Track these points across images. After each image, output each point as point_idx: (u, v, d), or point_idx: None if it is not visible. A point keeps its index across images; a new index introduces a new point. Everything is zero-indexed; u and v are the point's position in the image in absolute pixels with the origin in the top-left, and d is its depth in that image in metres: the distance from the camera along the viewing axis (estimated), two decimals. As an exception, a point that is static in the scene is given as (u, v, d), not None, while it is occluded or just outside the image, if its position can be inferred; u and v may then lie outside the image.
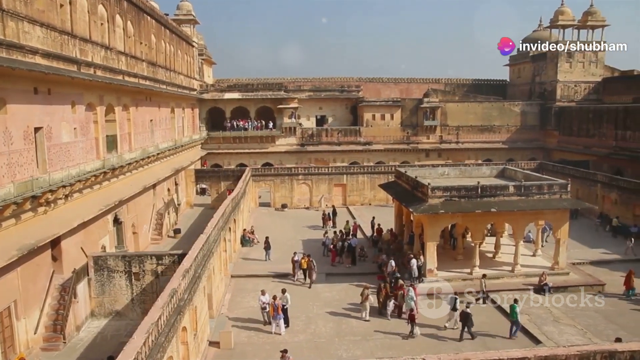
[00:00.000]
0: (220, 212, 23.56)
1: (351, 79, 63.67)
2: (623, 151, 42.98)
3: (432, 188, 23.15)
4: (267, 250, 27.82)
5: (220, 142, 51.43)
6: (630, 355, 11.11)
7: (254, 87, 53.43)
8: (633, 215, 33.24)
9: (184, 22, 48.27)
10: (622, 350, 11.16)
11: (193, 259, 16.10)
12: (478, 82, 67.02)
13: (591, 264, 26.79)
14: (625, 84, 51.46)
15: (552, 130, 54.01)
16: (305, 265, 24.16)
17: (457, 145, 54.36)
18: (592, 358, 10.99)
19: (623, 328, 18.81)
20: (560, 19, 53.91)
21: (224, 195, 37.34)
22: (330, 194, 43.42)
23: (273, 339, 18.38)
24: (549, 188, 24.23)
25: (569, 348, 11.39)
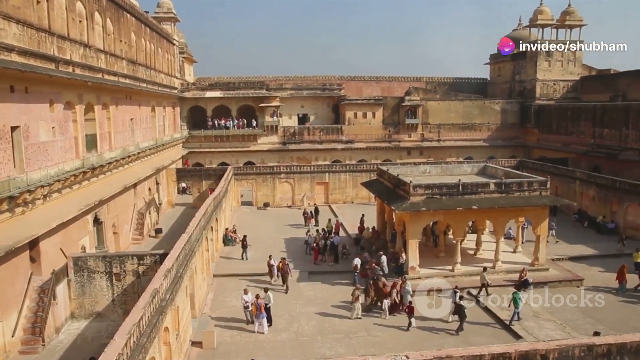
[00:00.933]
0: (202, 211, 23.43)
1: (333, 77, 63.68)
2: (600, 149, 43.70)
3: (413, 186, 23.30)
4: (245, 249, 27.72)
5: (202, 141, 51.11)
6: (607, 349, 11.32)
7: (236, 86, 53.18)
8: (610, 211, 33.84)
9: (165, 20, 47.83)
10: (599, 344, 11.37)
11: (175, 259, 15.98)
12: (459, 81, 67.50)
13: (570, 260, 27.21)
14: (602, 83, 52.32)
15: (531, 128, 54.68)
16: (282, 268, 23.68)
17: (438, 143, 54.73)
18: (570, 352, 11.16)
19: (600, 322, 19.15)
20: (539, 19, 54.60)
21: (205, 194, 37.13)
22: (313, 192, 43.44)
23: (256, 338, 18.35)
24: (529, 185, 24.56)
25: (548, 343, 11.54)
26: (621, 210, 33.00)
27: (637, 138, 39.51)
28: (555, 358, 11.06)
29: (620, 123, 41.75)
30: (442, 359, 10.46)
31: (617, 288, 22.86)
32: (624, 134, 41.19)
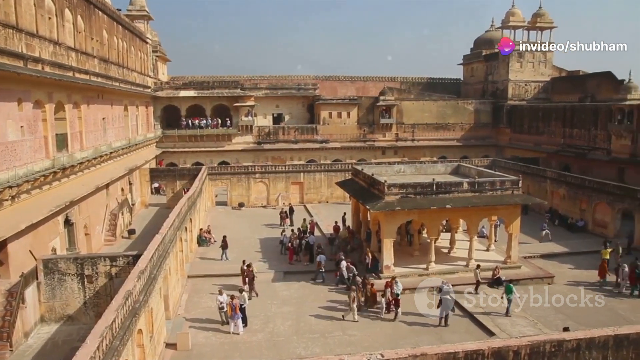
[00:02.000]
0: (176, 212, 23.19)
1: (308, 77, 63.67)
2: (570, 148, 44.63)
3: (388, 185, 23.45)
4: (224, 250, 27.56)
5: (176, 141, 50.54)
6: (576, 344, 11.60)
7: (210, 85, 52.71)
8: (579, 209, 34.58)
9: (137, 18, 47.20)
10: (569, 339, 11.64)
11: (148, 260, 15.79)
12: (433, 81, 68.15)
13: (541, 258, 27.74)
14: (572, 84, 53.43)
15: (504, 128, 55.53)
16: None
17: (412, 143, 55.17)
18: (541, 347, 11.40)
19: (571, 318, 19.53)
20: (511, 20, 55.50)
21: (179, 194, 36.75)
22: (288, 192, 43.38)
23: (231, 339, 18.25)
24: (502, 184, 24.95)
25: (520, 339, 11.75)
26: (590, 208, 33.77)
27: (605, 138, 40.47)
28: (527, 354, 11.27)
29: (589, 123, 42.71)
30: (417, 357, 10.56)
31: (599, 283, 23.66)
32: (592, 134, 42.14)
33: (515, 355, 11.20)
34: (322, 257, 24.89)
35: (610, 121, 39.43)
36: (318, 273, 24.52)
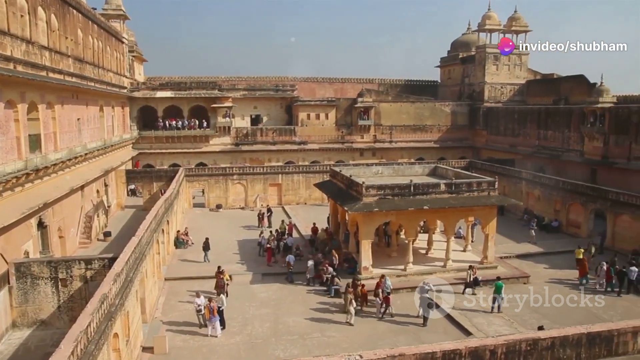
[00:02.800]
0: (153, 214, 22.92)
1: (286, 78, 63.57)
2: (545, 150, 45.37)
3: (366, 187, 23.54)
4: (206, 251, 27.34)
5: (153, 142, 49.95)
6: (551, 342, 11.82)
7: (187, 86, 52.24)
8: (554, 210, 35.18)
9: (113, 17, 46.54)
10: (544, 338, 11.87)
11: (125, 263, 15.57)
12: (410, 83, 68.64)
13: (517, 258, 28.15)
14: (547, 87, 54.32)
15: (480, 130, 56.19)
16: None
17: (390, 145, 55.46)
18: (517, 346, 11.58)
19: (546, 317, 19.85)
20: (487, 23, 56.22)
21: (156, 196, 36.37)
22: (266, 193, 43.26)
23: (209, 342, 18.12)
24: (478, 185, 25.24)
25: (496, 338, 11.92)
26: (564, 209, 34.38)
27: (578, 140, 41.23)
28: (503, 353, 11.43)
29: (563, 126, 43.47)
30: (395, 357, 10.62)
31: (579, 280, 24.33)
32: (566, 136, 42.90)
33: (492, 355, 11.34)
34: (291, 257, 25.12)
35: (583, 123, 40.19)
36: (288, 273, 24.62)
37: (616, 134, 37.27)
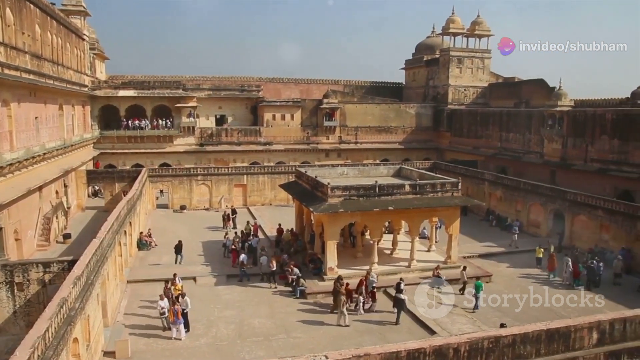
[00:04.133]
0: (115, 215, 22.44)
1: (251, 78, 63.20)
2: (506, 152, 46.37)
3: (331, 187, 23.59)
4: (178, 254, 26.91)
5: (115, 142, 48.91)
6: (512, 339, 12.07)
7: (151, 85, 51.32)
8: (515, 210, 36.00)
9: (74, 13, 45.35)
10: (505, 335, 12.10)
11: (85, 265, 15.17)
12: (376, 85, 69.10)
13: (480, 257, 28.70)
14: (508, 90, 55.52)
15: (444, 132, 57.02)
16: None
17: (356, 146, 55.75)
18: (480, 344, 11.77)
19: (507, 315, 20.29)
20: (451, 27, 57.10)
21: (119, 197, 35.65)
22: (231, 194, 42.91)
23: (173, 345, 17.85)
24: (442, 186, 25.61)
25: (460, 336, 12.08)
26: (525, 209, 35.22)
27: (538, 142, 42.28)
28: (466, 351, 11.60)
29: (524, 128, 44.51)
30: (361, 357, 10.64)
31: (548, 275, 25.50)
32: (527, 138, 43.94)
33: (455, 353, 11.49)
34: (244, 256, 25.12)
35: (542, 126, 41.23)
36: (241, 273, 24.59)
37: (574, 137, 38.39)
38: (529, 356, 12.21)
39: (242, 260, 24.90)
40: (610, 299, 21.40)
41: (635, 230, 26.83)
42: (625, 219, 27.47)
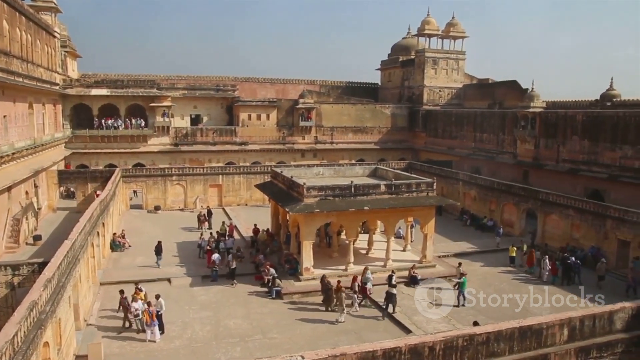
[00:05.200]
0: (88, 216, 22.05)
1: (227, 77, 62.79)
2: (480, 152, 46.98)
3: (307, 188, 23.59)
4: (158, 255, 26.54)
5: (87, 141, 48.09)
6: (486, 337, 12.25)
7: (124, 84, 50.60)
8: (489, 210, 36.48)
9: (44, 10, 44.39)
10: (479, 333, 12.26)
11: (56, 267, 14.85)
12: (351, 85, 69.31)
13: (454, 256, 28.97)
14: (482, 91, 56.32)
15: (419, 132, 57.51)
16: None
17: (331, 146, 55.85)
18: (455, 342, 11.91)
19: (481, 312, 20.55)
20: (426, 29, 57.63)
21: (91, 197, 35.06)
22: (206, 194, 42.59)
23: (147, 347, 17.62)
24: (417, 186, 25.81)
25: (435, 335, 12.20)
26: (498, 209, 35.71)
27: (511, 142, 42.94)
28: (442, 349, 11.72)
29: (497, 129, 45.17)
30: (337, 357, 10.66)
31: (528, 270, 26.28)
32: (500, 139, 44.59)
33: (431, 351, 11.60)
34: (217, 256, 24.99)
35: (515, 127, 41.87)
36: (212, 273, 24.50)
37: (546, 138, 39.08)
38: (503, 353, 12.40)
39: (213, 259, 24.75)
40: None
41: (604, 229, 27.43)
42: (595, 218, 28.07)
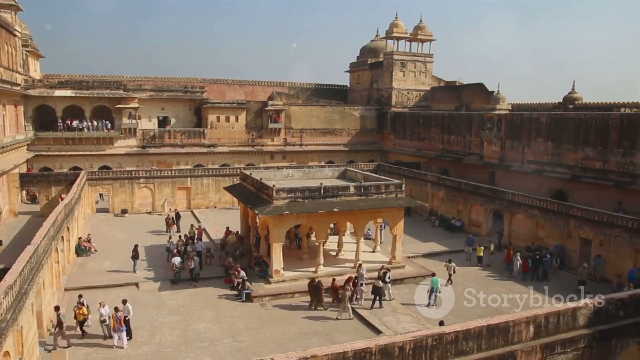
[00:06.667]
0: (51, 220, 21.50)
1: (195, 79, 62.17)
2: (448, 153, 47.61)
3: (276, 190, 23.53)
4: (135, 260, 26.02)
5: (51, 144, 46.88)
6: (455, 336, 12.42)
7: (90, 85, 49.53)
8: (457, 211, 37.03)
9: (4, 7, 43.08)
10: (448, 332, 12.43)
11: (18, 274, 14.43)
12: (321, 87, 69.48)
13: (423, 257, 29.32)
14: (450, 93, 57.08)
15: (388, 134, 57.94)
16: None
17: (301, 148, 55.80)
18: (424, 342, 12.04)
19: (450, 312, 20.76)
20: (394, 31, 58.13)
21: (55, 201, 34.22)
22: (174, 197, 42.10)
23: (114, 354, 17.31)
24: (386, 188, 26.00)
25: (405, 335, 12.30)
26: (466, 209, 36.28)
27: (478, 144, 43.64)
28: (411, 349, 11.83)
29: (465, 130, 45.85)
30: (308, 359, 10.65)
31: (505, 267, 27.13)
32: (467, 141, 45.27)
33: (401, 351, 11.69)
34: (177, 259, 24.71)
35: (482, 129, 42.60)
36: (174, 276, 24.35)
37: (511, 139, 39.86)
38: (471, 352, 12.58)
39: (174, 262, 24.52)
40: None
41: (567, 228, 28.13)
42: (559, 218, 28.77)
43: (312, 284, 22.04)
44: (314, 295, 21.73)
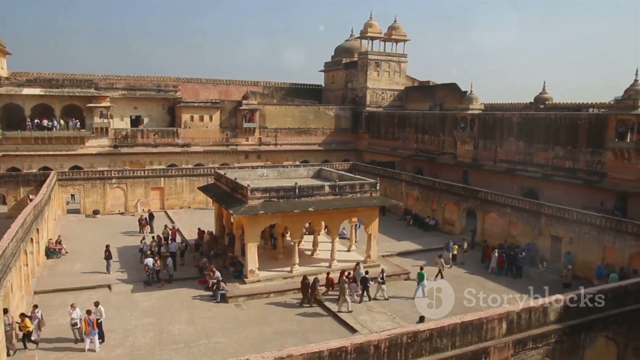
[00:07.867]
0: (20, 222, 20.99)
1: (168, 78, 61.43)
2: (422, 153, 48.02)
3: (251, 189, 23.44)
4: (108, 261, 25.60)
5: (19, 143, 45.74)
6: (429, 333, 12.55)
7: (60, 83, 48.45)
8: (431, 209, 37.39)
9: (-30, 6, 42.16)
10: (423, 330, 12.56)
11: (-15, 277, 14.09)
12: (295, 86, 69.33)
13: (398, 256, 29.52)
14: (423, 93, 57.62)
15: (363, 134, 58.16)
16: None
17: (275, 147, 55.63)
18: (399, 340, 12.13)
19: (424, 310, 20.92)
20: (369, 31, 58.41)
21: (24, 202, 33.48)
22: (147, 198, 41.57)
23: (86, 357, 17.02)
24: (361, 187, 26.10)
25: (380, 334, 12.37)
26: (440, 208, 36.66)
27: (452, 143, 44.13)
28: (387, 347, 11.90)
29: (438, 130, 46.30)
30: (284, 359, 10.63)
31: (485, 264, 27.57)
32: (441, 140, 45.73)
33: (376, 349, 11.75)
34: (150, 260, 24.43)
35: (455, 128, 43.07)
36: (148, 277, 24.18)
37: (484, 139, 40.40)
38: (445, 349, 12.72)
39: (146, 263, 24.29)
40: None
41: (539, 225, 28.64)
42: (531, 216, 29.27)
43: (304, 282, 22.03)
44: (306, 293, 21.87)
